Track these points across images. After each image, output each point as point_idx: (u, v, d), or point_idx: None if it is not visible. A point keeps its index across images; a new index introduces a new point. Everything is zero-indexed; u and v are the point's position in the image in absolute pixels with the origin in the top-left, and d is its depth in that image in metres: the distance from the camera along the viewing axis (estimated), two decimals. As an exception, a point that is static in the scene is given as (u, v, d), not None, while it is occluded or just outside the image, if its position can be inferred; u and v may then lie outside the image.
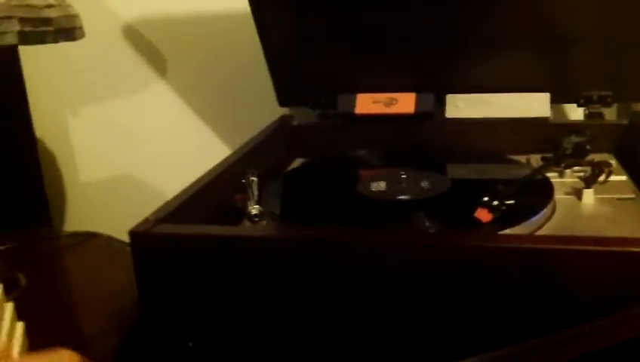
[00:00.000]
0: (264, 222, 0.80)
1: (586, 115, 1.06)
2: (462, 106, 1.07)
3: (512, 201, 0.77)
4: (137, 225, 0.69)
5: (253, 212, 0.79)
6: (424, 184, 0.88)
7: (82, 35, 0.88)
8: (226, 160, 0.91)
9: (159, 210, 0.73)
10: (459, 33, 1.04)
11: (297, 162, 1.09)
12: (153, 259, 0.67)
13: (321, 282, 0.65)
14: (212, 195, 0.82)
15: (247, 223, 0.81)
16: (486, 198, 0.76)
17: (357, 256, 0.64)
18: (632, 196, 0.86)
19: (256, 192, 0.83)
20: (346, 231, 0.68)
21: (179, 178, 0.84)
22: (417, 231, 0.77)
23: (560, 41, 1.03)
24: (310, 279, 0.65)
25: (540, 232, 0.77)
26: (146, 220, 0.70)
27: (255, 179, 0.85)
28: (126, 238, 0.68)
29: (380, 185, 0.89)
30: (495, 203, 0.76)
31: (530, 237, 0.72)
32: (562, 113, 1.19)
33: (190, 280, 0.67)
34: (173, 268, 0.67)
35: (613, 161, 0.96)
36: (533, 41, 1.03)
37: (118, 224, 0.81)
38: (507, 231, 0.74)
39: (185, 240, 0.68)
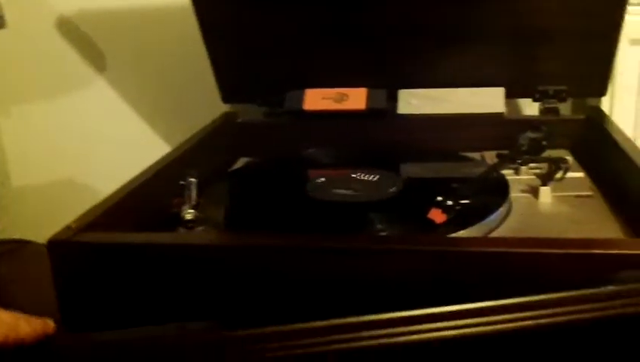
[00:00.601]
0: (200, 228, 0.74)
1: (541, 111, 1.03)
2: (415, 102, 1.02)
3: (466, 201, 0.73)
4: (57, 233, 0.63)
5: (188, 217, 0.73)
6: (376, 184, 0.84)
7: (3, 25, 0.81)
8: (161, 160, 0.85)
9: (83, 216, 0.67)
10: (411, 27, 1.00)
11: (242, 162, 1.03)
12: (73, 270, 0.61)
13: (258, 292, 0.59)
14: (146, 199, 0.76)
15: (182, 230, 0.75)
16: (439, 198, 0.72)
17: (297, 262, 0.59)
18: (590, 193, 0.83)
19: (194, 195, 0.77)
20: (285, 238, 0.63)
21: (120, 179, 0.78)
22: (366, 235, 0.72)
23: (515, 36, 1.00)
24: (246, 289, 0.60)
25: (496, 233, 0.73)
26: (67, 228, 0.64)
27: (194, 180, 0.80)
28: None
29: (330, 186, 0.84)
30: (449, 203, 0.72)
31: (485, 239, 0.68)
32: (517, 108, 1.16)
33: (114, 293, 0.61)
34: (96, 279, 0.61)
35: (569, 158, 0.93)
36: (488, 35, 1.00)
37: (54, 231, 0.75)
38: (462, 233, 0.70)
39: (108, 249, 0.62)
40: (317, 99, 1.04)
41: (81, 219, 0.66)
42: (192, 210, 0.74)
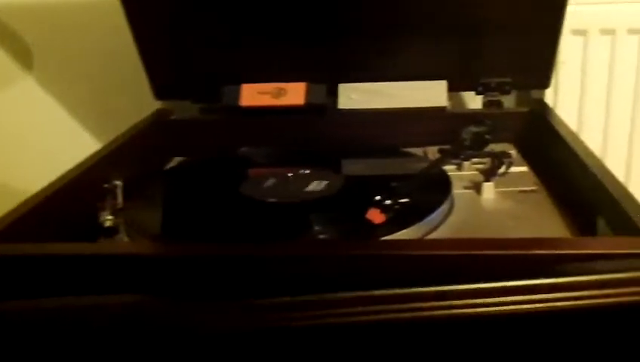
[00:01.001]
0: (123, 236, 0.70)
1: (484, 104, 1.01)
2: (355, 97, 0.99)
3: (406, 200, 0.70)
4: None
5: (107, 224, 0.68)
6: (315, 183, 0.80)
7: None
8: (86, 161, 0.80)
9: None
10: (351, 19, 0.97)
11: (175, 161, 0.98)
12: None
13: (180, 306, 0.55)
14: (68, 204, 0.71)
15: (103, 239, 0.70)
16: (378, 197, 0.69)
17: (220, 271, 0.55)
18: (534, 188, 0.81)
19: (120, 199, 0.72)
20: (204, 247, 0.59)
21: (47, 180, 0.74)
22: (297, 240, 0.67)
23: (456, 28, 0.97)
24: (166, 304, 0.55)
25: (437, 232, 0.71)
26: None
27: (118, 183, 0.75)
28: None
29: (267, 186, 0.80)
30: (388, 202, 0.68)
31: (420, 242, 0.65)
32: (460, 102, 1.13)
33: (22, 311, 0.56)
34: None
35: (513, 151, 0.91)
36: (429, 27, 0.97)
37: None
38: (401, 233, 0.66)
39: (12, 262, 0.56)
40: (254, 94, 1.00)
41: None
42: (112, 217, 0.69)
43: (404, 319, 0.52)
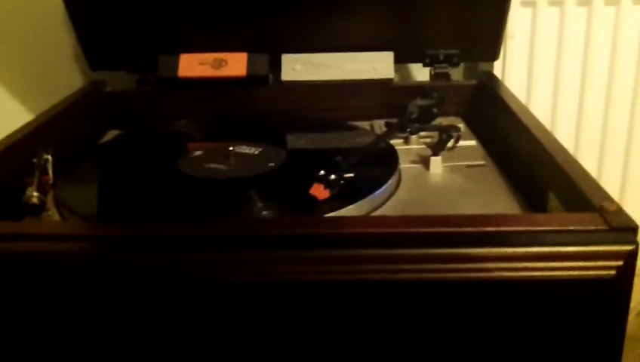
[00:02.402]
0: (51, 214, 0.65)
1: (432, 76, 0.98)
2: (299, 68, 0.96)
3: (351, 175, 0.67)
4: None
5: (33, 201, 0.64)
6: (256, 158, 0.76)
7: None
8: (13, 134, 0.75)
9: None
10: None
11: (111, 135, 0.93)
12: None
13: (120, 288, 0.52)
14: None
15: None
16: (322, 172, 0.66)
17: (148, 256, 0.51)
18: (482, 163, 0.79)
19: (51, 176, 0.67)
20: (131, 227, 0.56)
21: None
22: (233, 218, 0.64)
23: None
24: (103, 287, 0.52)
25: (384, 208, 0.68)
26: None
27: (49, 158, 0.70)
28: None
29: (206, 161, 0.76)
30: (332, 177, 0.65)
31: (364, 219, 0.62)
32: (407, 74, 1.10)
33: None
34: None
35: (461, 125, 0.89)
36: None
37: None
38: (347, 210, 0.64)
39: None
40: (193, 65, 0.95)
41: None
42: (38, 193, 0.64)
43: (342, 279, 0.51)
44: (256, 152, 0.79)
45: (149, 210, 0.68)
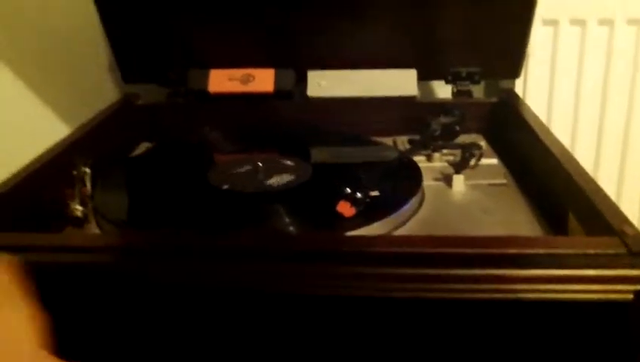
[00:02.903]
0: (92, 226, 0.68)
1: (454, 93, 1.00)
2: (324, 84, 0.98)
3: (376, 193, 0.69)
4: None
5: (77, 214, 0.67)
6: (284, 172, 0.79)
7: None
8: (54, 147, 0.78)
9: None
10: (321, 5, 0.95)
11: (143, 147, 0.96)
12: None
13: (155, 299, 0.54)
14: (36, 192, 0.69)
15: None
16: (348, 190, 0.68)
17: (191, 265, 0.54)
18: (504, 181, 0.81)
19: (89, 188, 0.70)
20: (183, 236, 0.58)
21: (12, 165, 0.72)
22: (261, 232, 0.67)
23: (427, 16, 0.96)
24: (139, 298, 0.54)
25: (409, 225, 0.70)
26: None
27: (87, 170, 0.73)
28: None
29: (235, 174, 0.79)
30: (358, 195, 0.68)
31: (388, 239, 0.64)
32: (430, 91, 1.13)
33: None
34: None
35: (483, 143, 0.91)
36: (400, 15, 0.96)
37: None
38: (372, 227, 0.66)
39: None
40: (222, 80, 0.98)
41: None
42: (81, 207, 0.67)
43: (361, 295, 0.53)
44: (284, 166, 0.81)
45: (179, 221, 0.71)
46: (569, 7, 1.06)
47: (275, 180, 0.77)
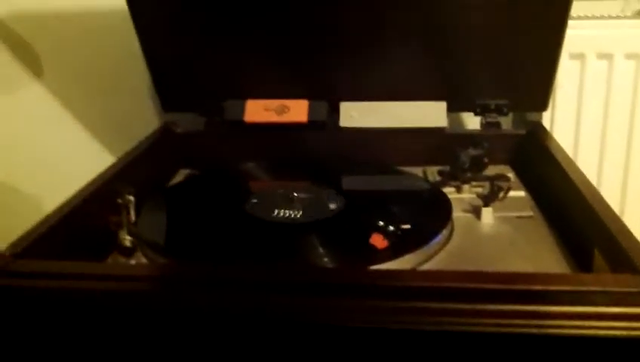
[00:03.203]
0: (139, 254, 0.72)
1: (482, 125, 1.03)
2: (356, 115, 1.01)
3: (408, 226, 0.72)
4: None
5: (126, 244, 0.70)
6: (318, 202, 0.82)
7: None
8: (99, 176, 0.82)
9: (18, 241, 0.63)
10: (353, 39, 0.98)
11: (182, 174, 1.00)
12: (7, 301, 0.58)
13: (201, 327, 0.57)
14: (83, 220, 0.73)
15: (121, 257, 0.72)
16: (381, 223, 0.71)
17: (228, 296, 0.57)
18: (531, 214, 0.83)
19: (132, 215, 0.74)
20: (222, 270, 0.61)
21: (57, 187, 0.76)
22: (293, 265, 0.69)
23: (456, 50, 0.99)
24: (187, 326, 0.58)
25: (438, 257, 0.73)
26: (1, 255, 0.61)
27: (131, 198, 0.76)
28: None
29: (271, 204, 0.82)
30: (391, 228, 0.71)
31: (416, 273, 0.67)
32: (458, 122, 1.15)
33: (50, 331, 0.58)
34: (29, 314, 0.58)
35: (510, 175, 0.93)
36: (430, 49, 0.99)
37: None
38: (405, 259, 0.69)
39: (43, 280, 0.59)
40: (258, 110, 1.02)
41: (16, 244, 0.63)
42: (130, 237, 0.71)
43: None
44: (317, 196, 0.84)
45: (216, 250, 0.74)
46: (596, 42, 1.08)
47: (310, 211, 0.80)
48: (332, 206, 0.81)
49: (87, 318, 0.58)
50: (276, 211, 0.80)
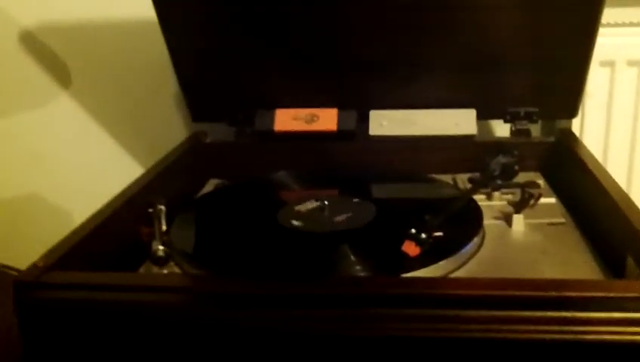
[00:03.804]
0: (172, 264, 0.72)
1: (512, 132, 1.03)
2: (386, 124, 1.01)
3: (440, 233, 0.72)
4: (23, 273, 0.60)
5: (160, 254, 0.71)
6: (350, 211, 0.82)
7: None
8: (131, 186, 0.83)
9: (50, 253, 0.64)
10: (382, 49, 0.99)
11: (212, 184, 1.01)
12: (40, 313, 0.59)
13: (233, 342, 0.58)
14: (114, 231, 0.74)
15: (153, 267, 0.72)
16: (413, 231, 0.71)
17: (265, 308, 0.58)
18: (563, 221, 0.83)
19: (164, 226, 0.75)
20: (258, 285, 0.61)
21: (86, 198, 0.77)
22: (329, 278, 0.69)
23: (486, 58, 0.99)
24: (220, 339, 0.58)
25: (470, 264, 0.73)
26: (34, 266, 0.61)
27: (163, 208, 0.77)
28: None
29: (303, 214, 0.82)
30: (423, 236, 0.71)
31: (458, 281, 0.67)
32: (487, 129, 1.15)
33: (83, 343, 0.59)
34: (62, 325, 0.59)
35: (541, 181, 0.93)
36: (459, 57, 0.99)
37: (18, 251, 0.73)
38: (437, 266, 0.69)
39: (76, 291, 0.60)
40: (287, 119, 1.02)
41: (48, 256, 0.64)
42: (163, 247, 0.71)
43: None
44: (348, 206, 0.84)
45: (247, 260, 0.75)
46: (626, 49, 1.07)
47: (341, 219, 0.80)
48: (363, 214, 0.81)
49: (120, 329, 0.59)
50: (308, 220, 0.81)
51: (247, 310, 0.58)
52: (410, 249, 0.70)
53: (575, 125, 1.09)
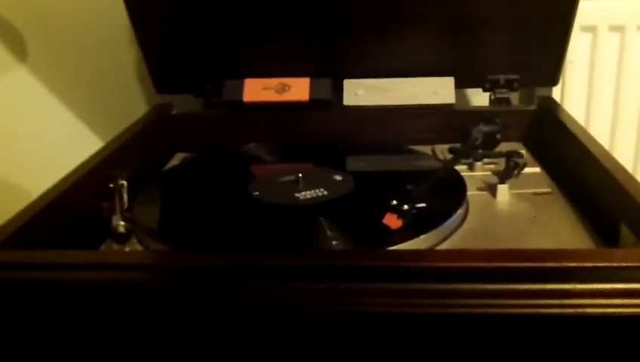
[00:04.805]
0: (135, 241, 0.67)
1: (491, 101, 0.99)
2: (361, 93, 0.97)
3: (423, 205, 0.68)
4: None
5: (120, 230, 0.66)
6: (325, 183, 0.78)
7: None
8: (89, 160, 0.78)
9: (1, 229, 0.59)
10: (356, 13, 0.94)
11: (178, 158, 0.96)
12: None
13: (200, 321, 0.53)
14: (73, 206, 0.69)
15: (113, 244, 0.67)
16: (395, 202, 0.67)
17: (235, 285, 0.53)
18: (549, 190, 0.79)
19: (125, 201, 0.69)
20: (228, 256, 0.56)
21: (45, 174, 0.72)
22: (308, 250, 0.65)
23: (464, 23, 0.95)
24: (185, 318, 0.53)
25: (454, 236, 0.69)
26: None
27: (124, 183, 0.71)
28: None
29: (276, 187, 0.78)
30: (405, 207, 0.66)
31: (446, 253, 0.63)
32: (464, 98, 1.11)
33: (39, 325, 0.54)
34: (16, 308, 0.54)
35: (523, 151, 0.89)
36: (436, 22, 0.95)
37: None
38: (420, 239, 0.65)
39: (30, 271, 0.54)
40: (257, 89, 0.97)
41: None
42: (124, 222, 0.66)
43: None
44: (325, 177, 0.80)
45: (219, 234, 0.70)
46: (608, 14, 1.04)
47: (317, 192, 0.76)
48: (340, 187, 0.77)
49: (80, 309, 0.54)
50: (281, 193, 0.76)
51: (213, 285, 0.53)
52: (392, 221, 0.66)
53: (555, 93, 1.05)
